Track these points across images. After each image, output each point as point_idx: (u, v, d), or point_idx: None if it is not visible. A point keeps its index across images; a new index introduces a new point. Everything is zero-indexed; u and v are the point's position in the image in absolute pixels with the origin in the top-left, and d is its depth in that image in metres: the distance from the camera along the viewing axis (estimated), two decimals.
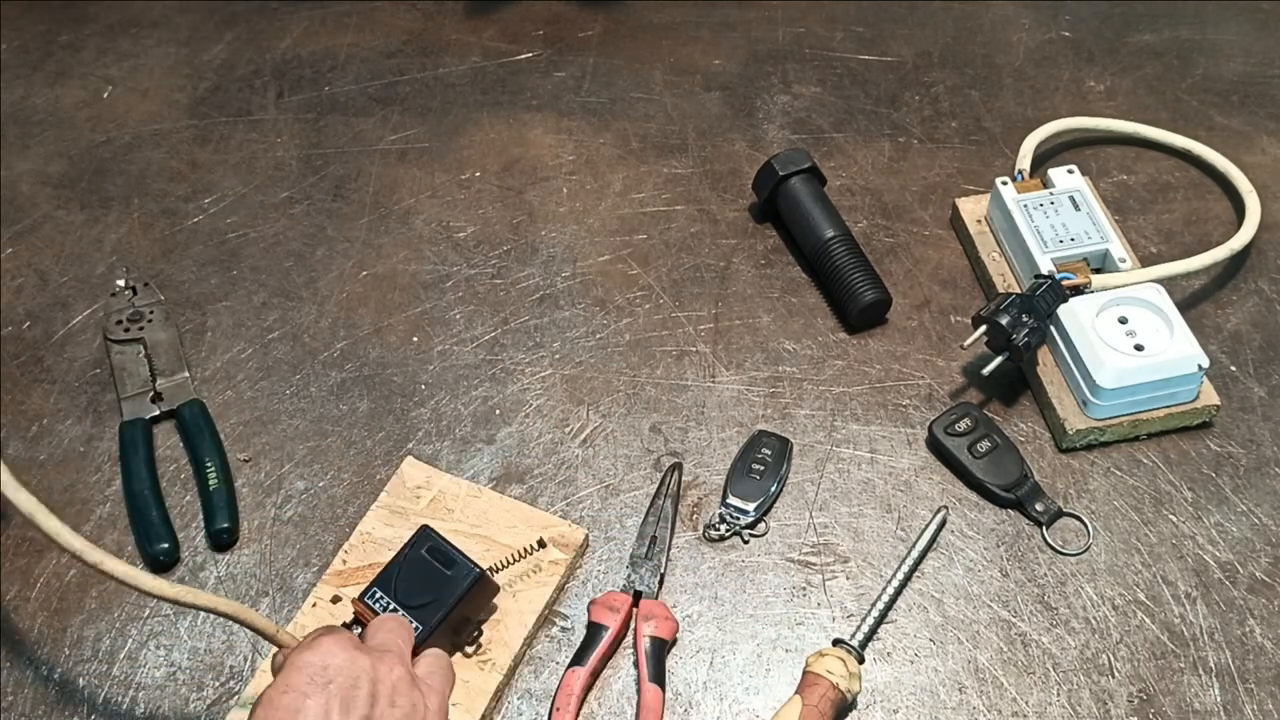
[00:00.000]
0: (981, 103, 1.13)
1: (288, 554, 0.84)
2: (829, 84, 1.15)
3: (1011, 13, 1.21)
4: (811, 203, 0.99)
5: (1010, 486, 0.86)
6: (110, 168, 1.08)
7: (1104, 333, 0.88)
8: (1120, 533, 0.85)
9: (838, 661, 0.76)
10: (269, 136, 1.10)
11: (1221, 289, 0.99)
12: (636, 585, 0.81)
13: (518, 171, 1.08)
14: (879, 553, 0.84)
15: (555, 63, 1.17)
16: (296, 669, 0.62)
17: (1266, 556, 0.84)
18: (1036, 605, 0.82)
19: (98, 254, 1.02)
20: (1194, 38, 1.19)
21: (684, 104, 1.13)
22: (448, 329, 0.97)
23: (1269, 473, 0.88)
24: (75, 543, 0.64)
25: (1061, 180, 0.99)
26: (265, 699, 0.61)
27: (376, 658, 0.64)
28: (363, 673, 0.62)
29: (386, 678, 0.63)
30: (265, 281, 1.00)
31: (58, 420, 0.91)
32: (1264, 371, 0.94)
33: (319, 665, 0.62)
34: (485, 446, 0.90)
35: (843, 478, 0.88)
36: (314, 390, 0.93)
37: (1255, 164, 1.06)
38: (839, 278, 0.95)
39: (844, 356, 0.95)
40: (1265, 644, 0.80)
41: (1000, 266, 0.98)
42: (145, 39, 1.19)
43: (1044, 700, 0.78)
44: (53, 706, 0.77)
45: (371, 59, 1.17)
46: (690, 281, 1.00)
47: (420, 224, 1.04)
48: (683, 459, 0.89)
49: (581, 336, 0.96)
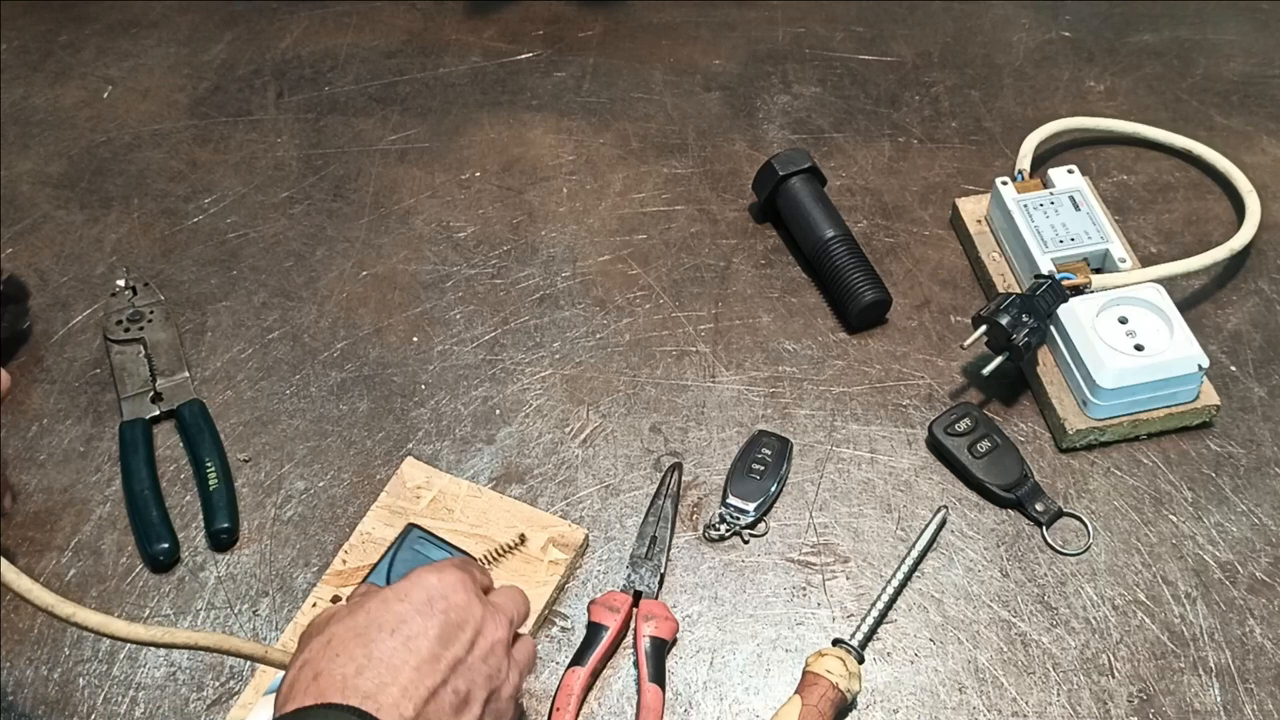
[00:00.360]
0: (981, 103, 1.13)
1: (288, 554, 0.84)
2: (829, 84, 1.15)
3: (1011, 13, 1.21)
4: (811, 203, 0.99)
5: (1010, 486, 0.86)
6: (110, 168, 1.08)
7: (1104, 333, 0.88)
8: (1120, 533, 0.85)
9: (838, 661, 0.76)
10: (269, 136, 1.10)
11: (1221, 289, 0.99)
12: (636, 585, 0.81)
13: (518, 171, 1.08)
14: (879, 553, 0.84)
15: (555, 63, 1.17)
16: (419, 587, 0.64)
17: (1266, 556, 0.84)
18: (1036, 605, 0.82)
19: (98, 254, 1.02)
20: (1194, 38, 1.19)
21: (684, 104, 1.13)
22: (448, 329, 0.97)
23: (1269, 473, 0.88)
24: (46, 598, 0.63)
25: (1061, 180, 0.99)
26: (381, 596, 0.63)
27: (490, 612, 0.65)
28: (473, 619, 0.64)
29: (490, 634, 0.65)
30: (265, 281, 1.00)
31: (58, 420, 0.91)
32: (1264, 371, 0.94)
33: (439, 593, 0.64)
34: (485, 446, 0.90)
35: (843, 478, 0.88)
36: (314, 390, 0.93)
37: (1255, 164, 1.06)
38: (839, 278, 0.95)
39: (844, 356, 0.95)
40: (1265, 644, 0.80)
41: (1000, 266, 0.98)
42: (145, 39, 1.19)
43: (1044, 700, 0.78)
44: (53, 706, 0.77)
45: (371, 59, 1.17)
46: (690, 281, 1.00)
47: (420, 224, 1.04)
48: (683, 459, 0.89)
49: (581, 336, 0.96)
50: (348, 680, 0.59)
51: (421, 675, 0.60)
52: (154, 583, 0.83)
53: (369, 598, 0.64)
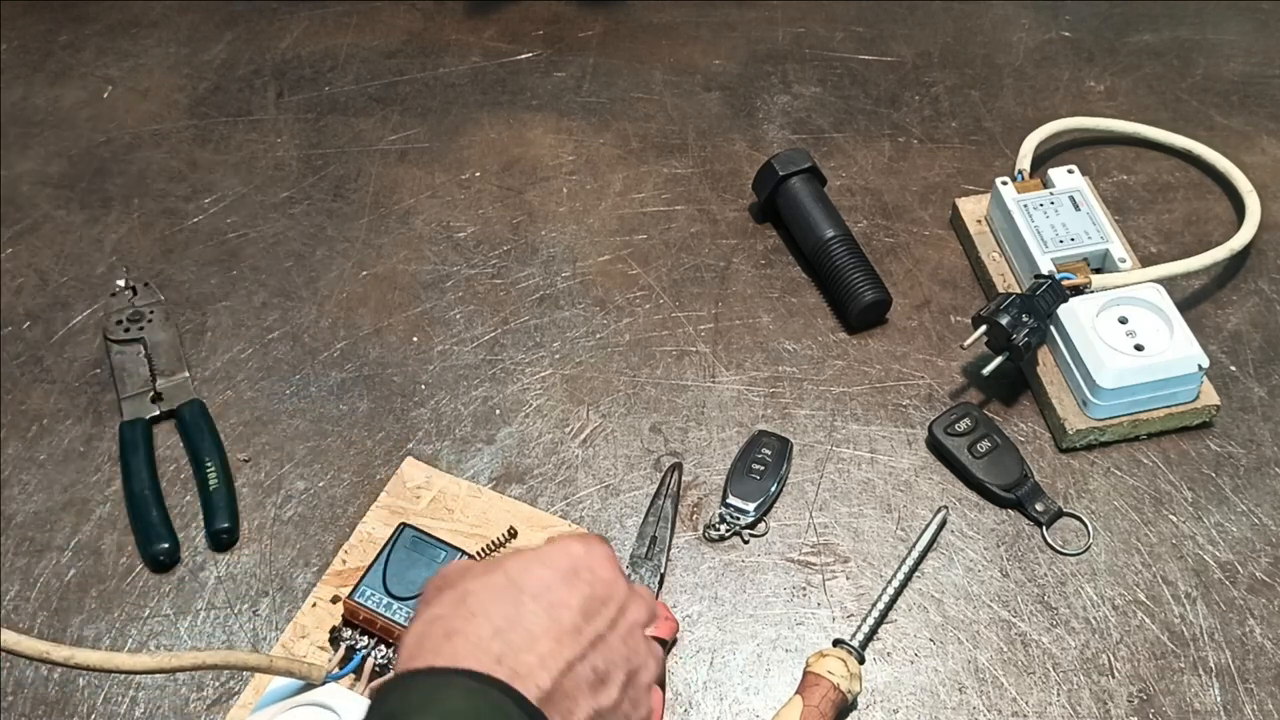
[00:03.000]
0: (981, 103, 1.13)
1: (288, 554, 0.84)
2: (829, 84, 1.15)
3: (1011, 13, 1.21)
4: (811, 203, 0.99)
5: (1010, 486, 0.86)
6: (110, 168, 1.08)
7: (1104, 333, 0.88)
8: (1120, 533, 0.85)
9: (838, 662, 0.76)
10: (269, 136, 1.10)
11: (1221, 289, 0.99)
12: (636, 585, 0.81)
13: (518, 171, 1.08)
14: (879, 553, 0.84)
15: (555, 63, 1.17)
16: (564, 554, 0.60)
17: (1266, 556, 0.84)
18: (1036, 605, 0.82)
19: (98, 254, 1.02)
20: (1194, 38, 1.19)
21: (684, 104, 1.13)
22: (448, 329, 0.97)
23: (1269, 473, 0.88)
24: (40, 646, 0.61)
25: (1061, 180, 0.99)
26: (521, 558, 0.59)
27: (633, 595, 0.61)
28: (617, 596, 0.60)
29: (632, 614, 0.61)
30: (265, 281, 1.00)
31: (58, 420, 0.91)
32: (1264, 371, 0.94)
33: (585, 564, 0.59)
34: (485, 446, 0.90)
35: (843, 478, 0.88)
36: (314, 390, 0.93)
37: (1255, 164, 1.06)
38: (839, 278, 0.95)
39: (844, 356, 0.95)
40: (1265, 644, 0.80)
41: (1000, 266, 0.98)
42: (145, 39, 1.19)
43: (1044, 700, 0.78)
44: (53, 706, 0.77)
45: (371, 59, 1.17)
46: (690, 281, 1.00)
47: (420, 224, 1.04)
48: (683, 459, 0.89)
49: (581, 336, 0.96)
50: (483, 643, 0.55)
51: (561, 646, 0.56)
52: (154, 583, 0.83)
53: (507, 558, 0.59)
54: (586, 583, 0.58)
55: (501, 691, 0.53)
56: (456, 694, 0.53)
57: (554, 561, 0.59)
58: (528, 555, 0.59)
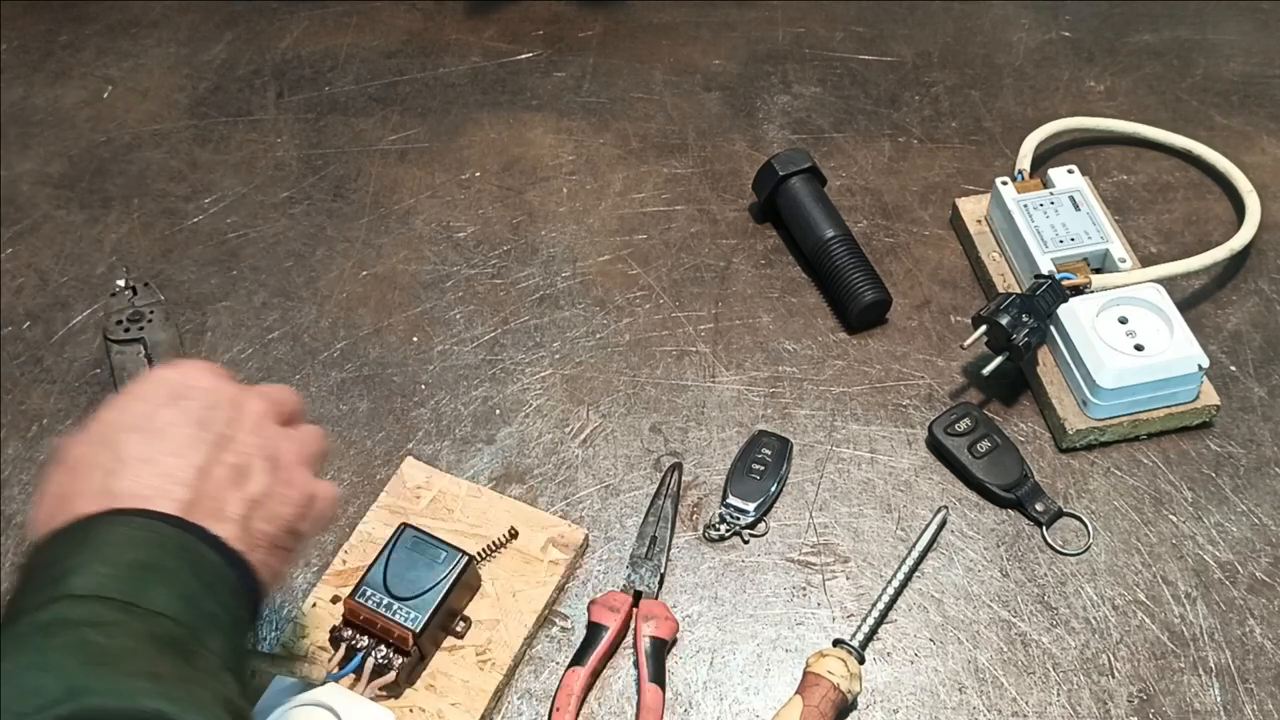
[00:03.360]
0: (981, 103, 1.13)
1: None
2: (829, 84, 1.15)
3: (1011, 13, 1.21)
4: (811, 203, 0.99)
5: (1010, 486, 0.86)
6: (110, 168, 1.08)
7: (1104, 333, 0.88)
8: (1120, 533, 0.85)
9: (838, 662, 0.76)
10: (269, 136, 1.10)
11: (1221, 289, 0.99)
12: (636, 585, 0.81)
13: (518, 171, 1.08)
14: (879, 553, 0.84)
15: (555, 63, 1.17)
16: (156, 383, 0.60)
17: (1266, 556, 0.84)
18: (1036, 605, 0.82)
19: (98, 254, 1.02)
20: (1194, 38, 1.19)
21: (684, 104, 1.13)
22: (448, 329, 0.97)
23: (1269, 473, 0.88)
24: None
25: (1061, 180, 0.99)
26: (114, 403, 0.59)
27: (245, 391, 0.61)
28: (225, 399, 0.60)
29: (251, 407, 0.61)
30: (265, 281, 1.00)
31: (58, 420, 0.91)
32: (1264, 371, 0.94)
33: (180, 384, 0.60)
34: (485, 446, 0.90)
35: (843, 478, 0.88)
36: (314, 390, 0.93)
37: (1255, 164, 1.06)
38: (839, 278, 0.95)
39: (844, 356, 0.95)
40: (1265, 644, 0.80)
41: (1000, 266, 0.98)
42: (145, 39, 1.19)
43: (1044, 700, 0.78)
44: None
45: (371, 59, 1.17)
46: (690, 281, 1.00)
47: (420, 224, 1.04)
48: (683, 459, 0.89)
49: (581, 336, 0.96)
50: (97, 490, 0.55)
51: (183, 459, 0.57)
52: None
53: (100, 410, 0.58)
54: (187, 399, 0.59)
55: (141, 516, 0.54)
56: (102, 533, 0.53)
57: (148, 394, 0.59)
58: (118, 398, 0.59)
